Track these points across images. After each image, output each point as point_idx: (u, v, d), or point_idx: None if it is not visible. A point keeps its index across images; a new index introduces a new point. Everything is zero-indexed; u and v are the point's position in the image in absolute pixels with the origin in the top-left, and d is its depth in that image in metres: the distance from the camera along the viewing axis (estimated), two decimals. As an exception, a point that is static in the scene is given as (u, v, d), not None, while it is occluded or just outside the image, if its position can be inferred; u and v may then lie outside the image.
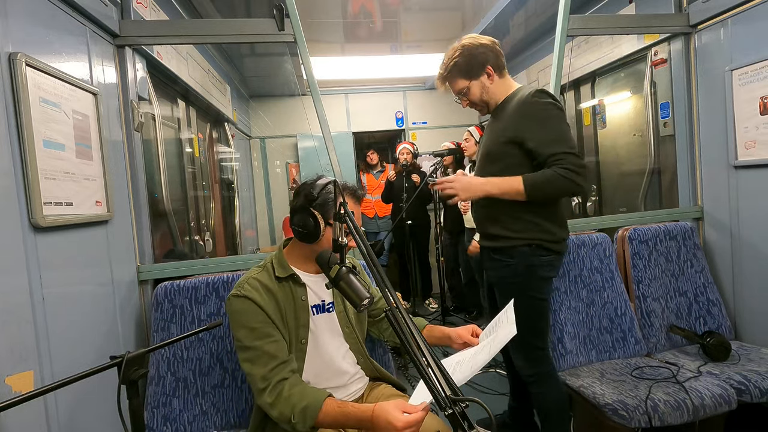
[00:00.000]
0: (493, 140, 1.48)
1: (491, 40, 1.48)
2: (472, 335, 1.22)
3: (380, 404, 0.95)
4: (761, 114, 1.71)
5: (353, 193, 1.22)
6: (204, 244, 2.59)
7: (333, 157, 1.75)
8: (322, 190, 1.14)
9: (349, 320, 1.26)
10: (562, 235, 1.45)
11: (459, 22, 3.14)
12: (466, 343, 1.21)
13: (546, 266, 1.43)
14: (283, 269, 1.18)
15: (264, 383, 1.05)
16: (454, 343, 1.24)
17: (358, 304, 0.91)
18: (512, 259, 1.44)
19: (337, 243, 0.93)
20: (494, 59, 1.46)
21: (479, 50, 1.45)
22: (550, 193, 1.35)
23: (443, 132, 4.58)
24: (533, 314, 1.45)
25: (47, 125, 1.10)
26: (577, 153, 1.33)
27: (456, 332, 1.24)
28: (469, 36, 1.50)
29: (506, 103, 1.47)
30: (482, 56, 1.45)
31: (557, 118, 1.36)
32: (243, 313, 1.09)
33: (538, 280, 1.43)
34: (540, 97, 1.37)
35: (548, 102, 1.36)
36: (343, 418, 1.00)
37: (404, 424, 0.88)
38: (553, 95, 1.40)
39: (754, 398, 1.44)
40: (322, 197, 1.14)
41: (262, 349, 1.07)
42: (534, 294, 1.44)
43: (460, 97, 1.54)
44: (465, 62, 1.46)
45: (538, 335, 1.48)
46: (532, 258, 1.41)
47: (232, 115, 3.32)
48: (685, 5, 2.04)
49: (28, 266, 1.01)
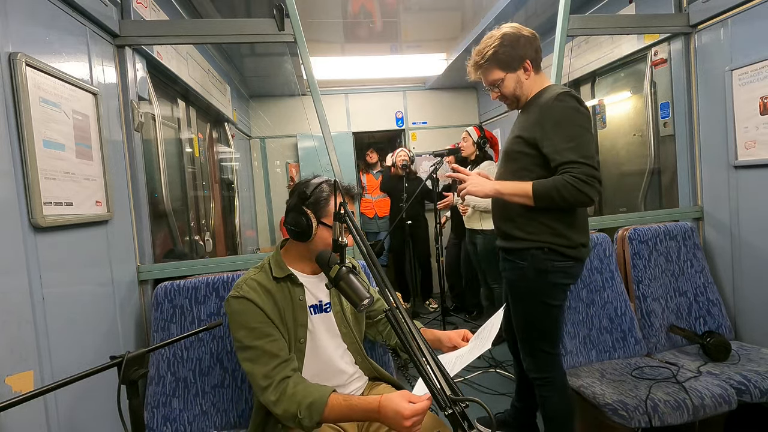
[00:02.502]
0: (512, 139, 1.44)
1: (532, 33, 1.40)
2: (463, 340, 1.22)
3: (386, 395, 0.96)
4: (761, 114, 1.71)
5: (347, 191, 1.22)
6: (204, 244, 2.59)
7: (333, 157, 1.75)
8: (315, 189, 1.15)
9: (346, 320, 1.26)
10: (580, 240, 1.38)
11: (459, 22, 3.14)
12: (455, 347, 1.21)
13: (559, 272, 1.36)
14: (280, 269, 1.18)
15: (266, 381, 1.05)
16: (444, 346, 1.24)
17: (358, 304, 0.91)
18: (524, 262, 1.39)
19: (337, 243, 0.93)
20: (533, 54, 1.40)
21: (520, 42, 1.37)
22: (557, 202, 1.28)
23: (443, 132, 4.58)
24: (544, 319, 1.42)
25: (47, 125, 1.10)
26: (592, 163, 1.25)
27: (447, 335, 1.24)
28: (510, 25, 1.41)
29: (534, 101, 1.40)
30: (523, 49, 1.38)
31: (578, 124, 1.28)
32: (242, 313, 1.09)
33: (550, 286, 1.38)
34: (563, 100, 1.29)
35: (571, 106, 1.29)
36: (350, 411, 1.00)
37: (411, 412, 0.91)
38: (580, 99, 1.31)
39: (754, 398, 1.44)
40: (315, 196, 1.14)
41: (263, 348, 1.07)
42: (545, 299, 1.39)
43: (491, 89, 1.46)
44: (504, 53, 1.38)
45: (548, 340, 1.45)
46: (545, 262, 1.35)
47: (232, 115, 3.32)
48: (685, 5, 2.04)
49: (28, 266, 1.01)
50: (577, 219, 1.39)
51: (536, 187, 1.31)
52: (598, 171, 1.27)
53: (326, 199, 1.15)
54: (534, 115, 1.36)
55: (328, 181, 1.20)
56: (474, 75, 1.48)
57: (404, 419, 0.90)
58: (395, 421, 0.92)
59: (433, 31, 3.29)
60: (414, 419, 0.91)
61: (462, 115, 4.62)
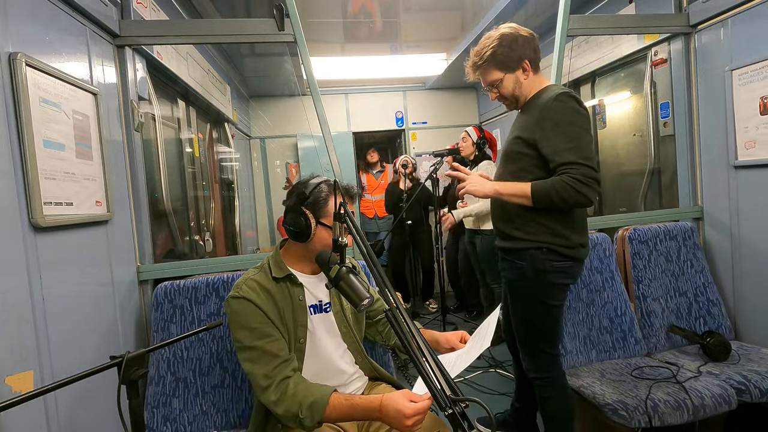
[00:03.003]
0: (511, 139, 1.44)
1: (530, 33, 1.40)
2: (461, 341, 1.22)
3: (387, 394, 0.97)
4: (761, 114, 1.71)
5: (347, 191, 1.21)
6: (204, 244, 2.59)
7: (333, 157, 1.75)
8: (314, 189, 1.15)
9: (346, 320, 1.26)
10: (579, 240, 1.38)
11: (459, 22, 3.14)
12: (452, 348, 1.21)
13: (558, 272, 1.36)
14: (280, 269, 1.18)
15: (267, 381, 1.05)
16: (441, 347, 1.24)
17: (358, 304, 0.91)
18: (523, 262, 1.39)
19: (337, 243, 0.93)
20: (532, 54, 1.39)
21: (518, 42, 1.37)
22: (556, 203, 1.28)
23: (443, 132, 4.58)
24: (543, 319, 1.42)
25: (47, 125, 1.10)
26: (591, 164, 1.25)
27: (445, 337, 1.24)
28: (509, 25, 1.41)
29: (533, 101, 1.40)
30: (521, 49, 1.38)
31: (577, 125, 1.28)
32: (242, 314, 1.09)
33: (549, 286, 1.38)
34: (562, 101, 1.29)
35: (570, 107, 1.29)
36: (351, 410, 1.00)
37: (413, 411, 0.91)
38: (579, 99, 1.31)
39: (754, 398, 1.44)
40: (314, 196, 1.14)
41: (263, 348, 1.07)
42: (544, 299, 1.39)
43: (490, 89, 1.46)
44: (503, 53, 1.38)
45: (547, 340, 1.45)
46: (544, 262, 1.35)
47: (232, 115, 3.32)
48: (685, 5, 2.04)
49: (28, 266, 1.01)
50: (576, 219, 1.39)
51: (535, 188, 1.31)
52: (597, 172, 1.27)
53: (325, 200, 1.15)
54: (533, 115, 1.36)
55: (327, 181, 1.19)
56: (473, 76, 1.48)
57: (406, 418, 0.91)
58: (397, 420, 0.93)
59: (433, 31, 3.29)
60: (415, 418, 0.91)
61: (462, 115, 4.62)
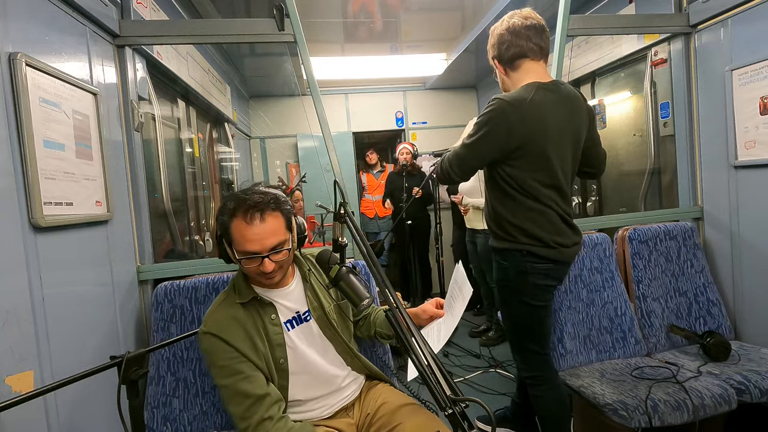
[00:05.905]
0: None
1: (506, 29, 1.43)
2: (437, 307, 1.23)
3: None
4: (761, 114, 1.71)
5: (243, 199, 1.03)
6: (204, 244, 2.59)
7: (333, 157, 1.75)
8: (218, 217, 1.06)
9: (330, 323, 1.20)
10: (558, 240, 1.36)
11: (459, 22, 3.14)
12: (432, 317, 1.22)
13: (539, 274, 1.37)
14: (244, 294, 1.12)
15: (244, 423, 1.03)
16: (422, 320, 1.24)
17: (359, 304, 0.91)
18: (506, 262, 1.42)
19: (337, 243, 0.93)
20: (499, 51, 1.45)
21: (494, 39, 1.45)
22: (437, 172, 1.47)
23: (443, 132, 4.58)
24: (528, 319, 1.44)
25: (47, 125, 1.10)
26: (460, 153, 1.38)
27: (422, 308, 1.25)
28: (498, 23, 1.48)
29: None
30: (494, 48, 1.45)
31: (478, 123, 1.34)
32: (210, 352, 1.07)
33: (531, 287, 1.39)
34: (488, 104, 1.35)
35: (485, 110, 1.33)
36: None
37: None
38: (504, 102, 1.29)
39: (754, 398, 1.44)
40: (221, 225, 1.05)
41: (234, 387, 1.05)
42: (526, 300, 1.40)
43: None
44: (491, 50, 1.48)
45: (535, 339, 1.46)
46: (524, 264, 1.37)
47: (232, 115, 3.32)
48: (685, 5, 2.04)
49: (28, 266, 1.01)
50: (546, 220, 1.36)
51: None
52: (458, 162, 1.38)
53: (227, 228, 1.03)
54: None
55: (230, 196, 1.07)
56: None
57: None
58: None
59: (433, 31, 3.29)
60: None
61: (462, 115, 4.62)
